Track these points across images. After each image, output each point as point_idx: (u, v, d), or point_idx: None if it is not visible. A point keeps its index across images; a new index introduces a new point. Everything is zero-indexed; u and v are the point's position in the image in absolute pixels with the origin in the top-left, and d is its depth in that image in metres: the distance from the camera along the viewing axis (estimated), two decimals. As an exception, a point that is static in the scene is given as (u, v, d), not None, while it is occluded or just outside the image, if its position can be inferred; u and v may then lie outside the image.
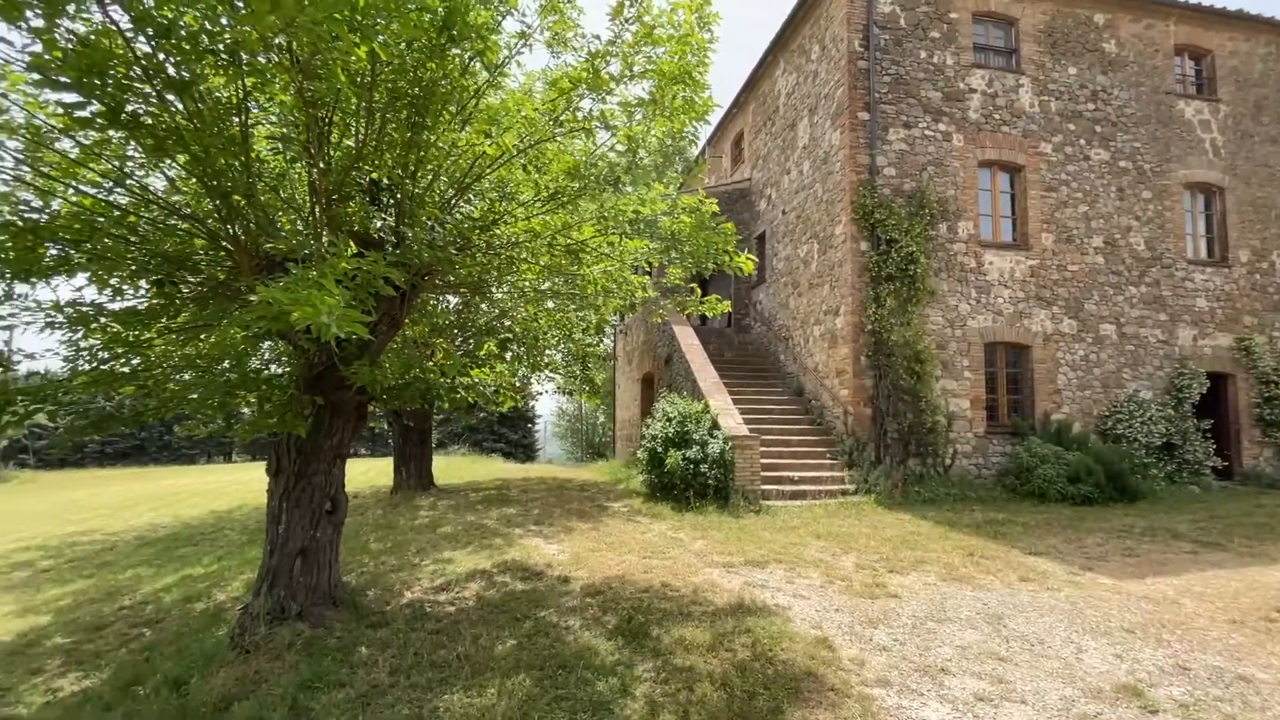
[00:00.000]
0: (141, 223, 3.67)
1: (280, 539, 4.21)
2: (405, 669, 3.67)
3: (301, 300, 2.27)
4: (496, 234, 3.92)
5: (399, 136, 3.48)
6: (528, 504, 9.94)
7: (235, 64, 3.08)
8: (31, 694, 3.85)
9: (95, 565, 7.30)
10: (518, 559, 6.18)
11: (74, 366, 4.21)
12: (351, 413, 4.31)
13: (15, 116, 3.60)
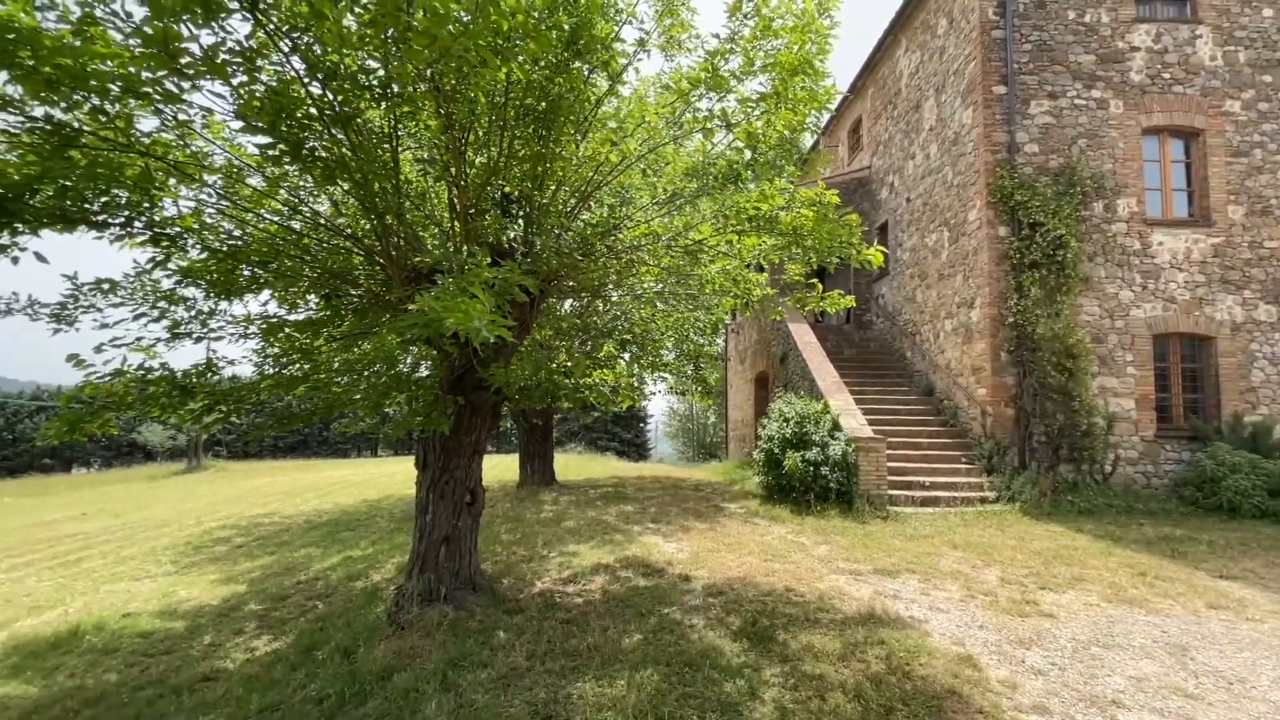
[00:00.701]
0: (313, 244, 4.16)
1: (427, 527, 4.60)
2: (540, 655, 3.87)
3: (453, 308, 2.47)
4: (618, 238, 4.03)
5: (527, 150, 3.69)
6: (644, 502, 10.12)
7: (387, 97, 3.41)
8: (235, 651, 4.50)
9: (276, 544, 8.39)
10: (638, 555, 6.31)
11: (261, 371, 4.87)
12: (488, 412, 4.62)
13: (217, 159, 4.23)
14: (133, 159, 3.27)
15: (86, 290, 4.36)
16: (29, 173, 2.72)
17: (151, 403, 4.27)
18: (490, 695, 3.39)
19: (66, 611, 5.58)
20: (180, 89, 2.67)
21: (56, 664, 4.37)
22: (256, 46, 2.76)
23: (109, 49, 2.66)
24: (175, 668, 4.23)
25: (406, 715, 3.24)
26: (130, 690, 3.85)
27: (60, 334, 4.44)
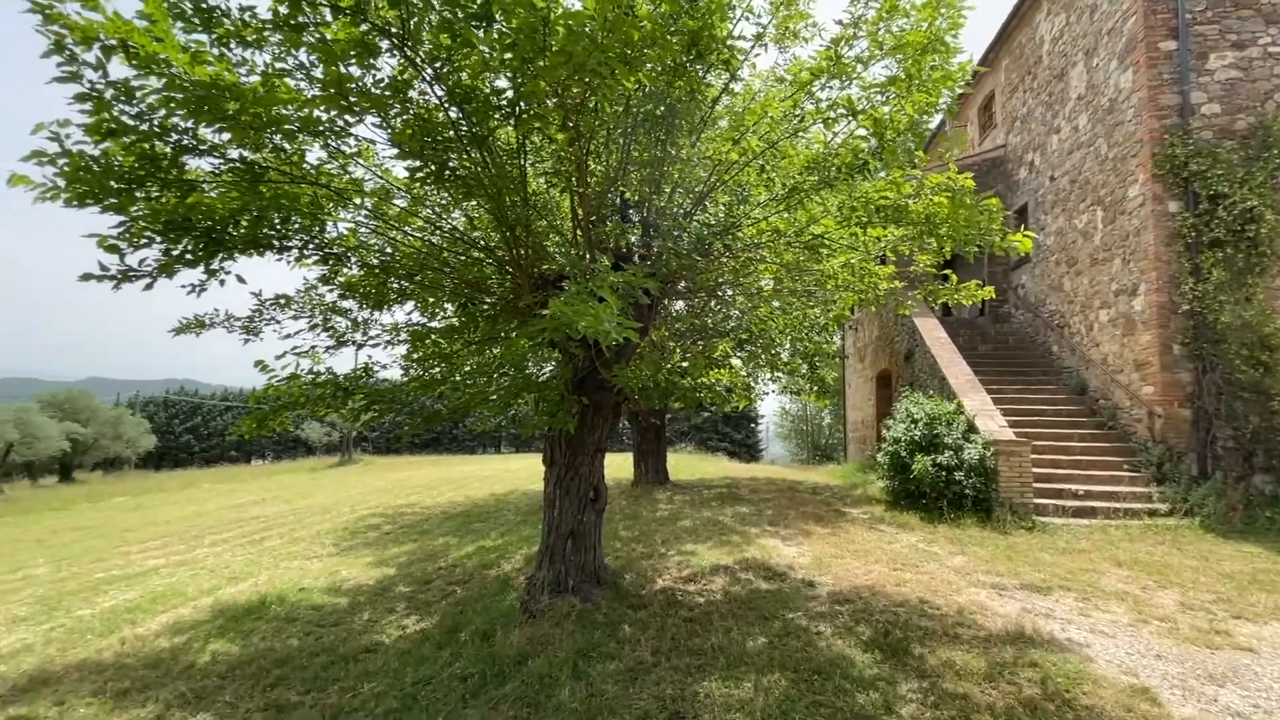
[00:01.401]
0: (451, 256, 4.51)
1: (555, 521, 4.82)
2: (665, 651, 3.93)
3: (583, 311, 2.58)
4: (737, 236, 4.00)
5: (646, 155, 3.76)
6: (759, 504, 9.95)
7: (516, 116, 3.63)
8: (390, 627, 4.98)
9: (418, 532, 9.17)
10: (758, 558, 6.21)
11: (407, 374, 5.35)
12: (609, 411, 4.76)
13: (368, 184, 4.71)
14: (304, 189, 3.73)
15: (268, 306, 5.03)
16: (232, 207, 3.18)
17: (320, 403, 4.83)
18: (619, 687, 3.49)
19: (256, 583, 6.46)
20: (347, 124, 3.01)
21: (250, 628, 5.06)
22: (406, 79, 3.05)
23: (289, 95, 3.06)
24: (342, 639, 4.75)
25: (542, 699, 3.42)
26: (308, 655, 4.38)
27: (249, 343, 5.14)
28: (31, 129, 3.13)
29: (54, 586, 6.89)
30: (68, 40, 2.72)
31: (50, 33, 2.67)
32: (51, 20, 2.44)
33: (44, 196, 3.21)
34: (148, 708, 3.64)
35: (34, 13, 2.42)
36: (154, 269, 3.21)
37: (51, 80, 2.86)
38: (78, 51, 2.75)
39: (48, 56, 2.77)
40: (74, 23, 2.47)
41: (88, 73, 2.87)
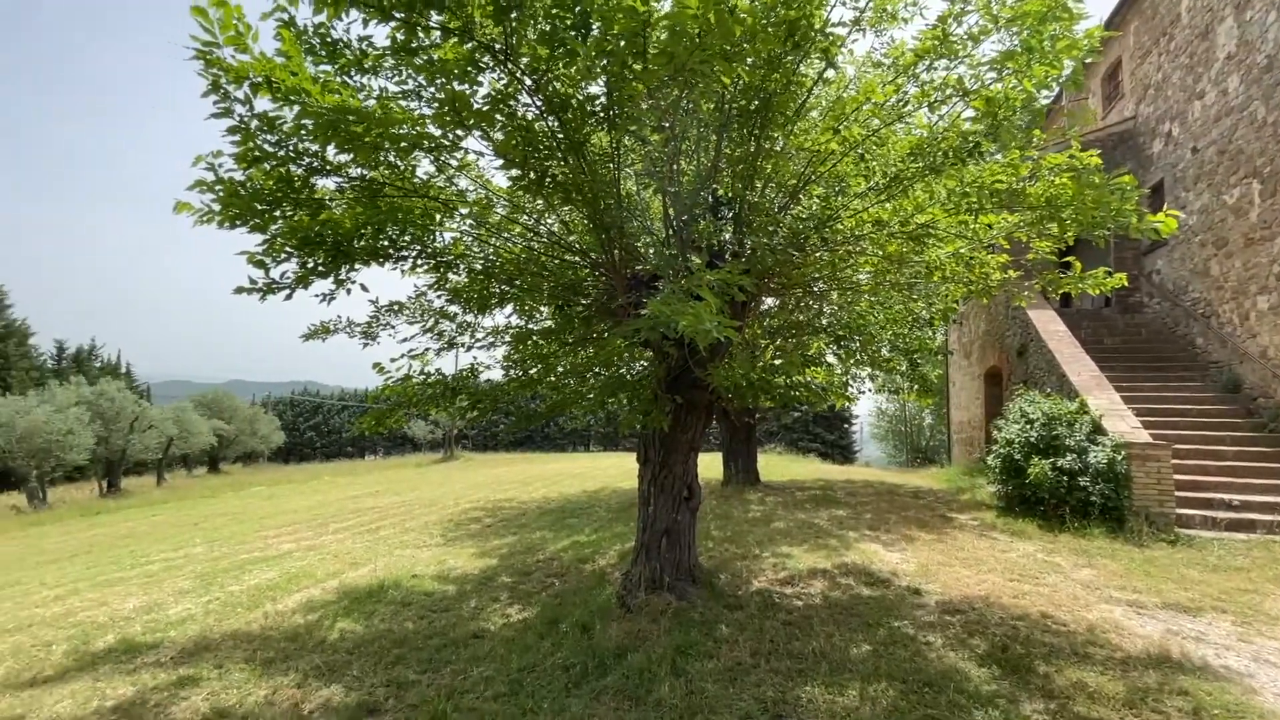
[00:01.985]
0: (548, 261, 4.67)
1: (650, 519, 4.88)
2: (764, 653, 3.87)
3: (681, 310, 2.60)
4: (835, 229, 3.88)
5: (740, 151, 3.72)
6: (856, 507, 9.58)
7: (610, 120, 3.71)
8: (494, 616, 5.23)
9: (516, 526, 9.57)
10: (858, 562, 5.98)
11: (507, 375, 5.60)
12: (703, 410, 4.76)
13: (470, 194, 4.97)
14: (416, 201, 3.99)
15: (384, 312, 5.43)
16: (356, 222, 3.47)
17: (430, 402, 5.16)
18: (719, 686, 3.48)
19: (374, 569, 6.99)
20: (457, 138, 3.19)
21: (371, 610, 5.49)
22: (509, 91, 3.19)
23: (403, 114, 3.29)
24: (452, 624, 5.04)
25: (642, 693, 3.47)
26: (423, 638, 4.69)
27: (367, 347, 5.56)
28: (191, 161, 3.56)
29: (209, 564, 7.78)
30: (222, 80, 3.07)
31: (209, 75, 3.03)
32: (211, 64, 2.76)
33: (202, 220, 3.64)
34: (289, 676, 4.03)
35: (198, 58, 2.75)
36: (293, 281, 3.56)
37: (209, 116, 3.24)
38: (230, 90, 3.10)
39: (206, 96, 3.14)
40: (229, 64, 2.79)
41: (237, 108, 3.23)
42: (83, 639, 4.95)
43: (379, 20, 2.73)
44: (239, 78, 2.78)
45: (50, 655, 4.63)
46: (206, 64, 2.75)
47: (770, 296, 5.82)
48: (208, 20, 2.58)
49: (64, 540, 11.85)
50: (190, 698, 3.76)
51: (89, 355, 39.60)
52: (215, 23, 2.60)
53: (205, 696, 3.77)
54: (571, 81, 3.38)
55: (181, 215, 3.61)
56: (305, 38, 3.41)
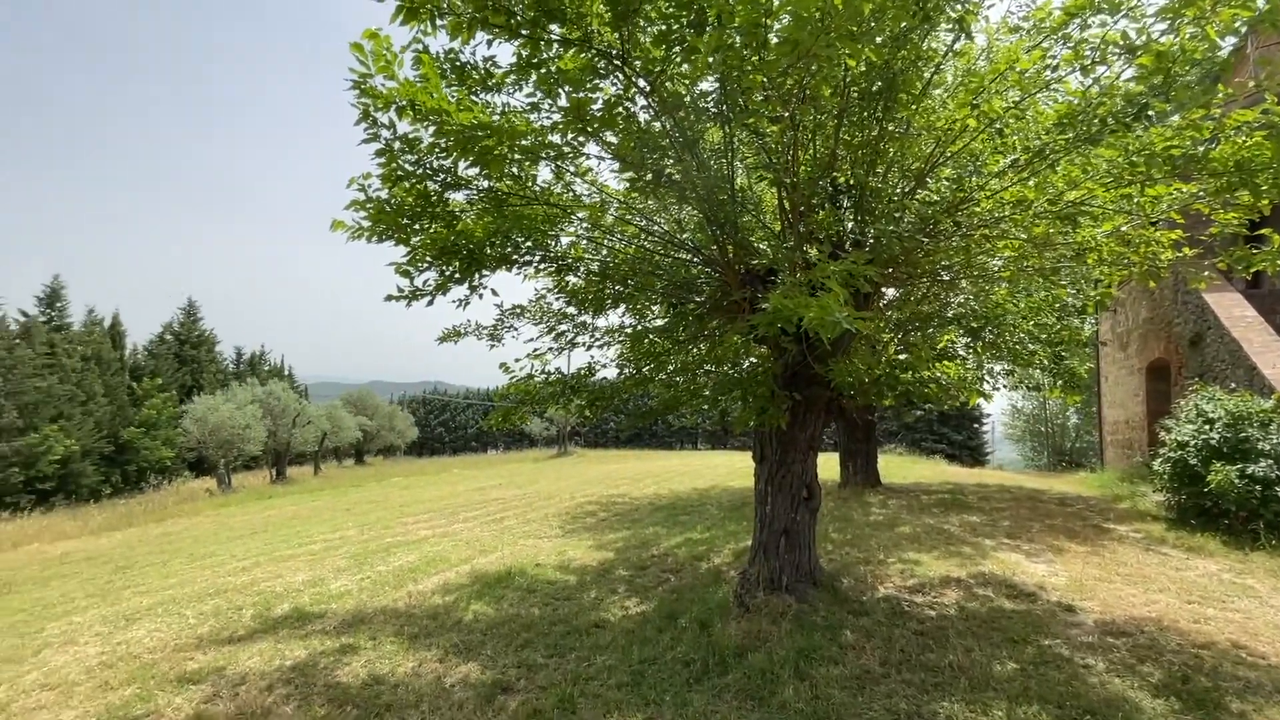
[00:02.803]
0: (661, 259, 4.72)
1: (767, 518, 4.79)
2: (894, 663, 3.68)
3: (804, 303, 2.53)
4: (974, 211, 3.59)
5: (861, 136, 3.55)
6: (991, 513, 8.83)
7: (723, 115, 3.68)
8: (613, 607, 5.38)
9: (630, 521, 9.78)
10: (996, 573, 5.51)
11: (621, 374, 5.73)
12: (822, 408, 4.60)
13: (585, 199, 5.12)
14: (536, 209, 4.19)
15: (508, 315, 5.75)
16: (488, 231, 3.71)
17: (550, 399, 5.40)
18: (846, 694, 3.35)
19: (501, 556, 7.44)
20: (578, 145, 3.32)
21: (500, 595, 5.84)
22: (625, 95, 3.27)
23: (527, 126, 3.47)
24: (574, 613, 5.25)
25: (765, 694, 3.42)
26: (548, 624, 4.92)
27: (494, 348, 5.92)
28: (346, 183, 3.98)
29: (360, 546, 8.66)
30: (371, 108, 3.41)
31: (360, 104, 3.37)
32: (365, 93, 3.07)
33: (354, 236, 4.06)
34: (432, 651, 4.39)
35: (354, 89, 3.07)
36: (434, 288, 3.87)
37: (360, 142, 3.60)
38: (378, 116, 3.43)
39: (358, 124, 3.50)
40: (379, 91, 3.08)
41: (383, 132, 3.57)
42: (265, 605, 5.69)
43: (506, 39, 2.89)
44: (387, 103, 3.06)
45: (241, 618, 5.37)
46: (361, 93, 3.05)
47: (894, 287, 5.51)
48: (363, 54, 2.87)
49: (246, 519, 13.68)
50: (351, 664, 4.21)
51: (260, 359, 45.42)
52: (369, 55, 2.88)
53: (363, 664, 4.20)
54: (686, 79, 3.40)
55: (336, 233, 4.05)
56: (438, 63, 3.70)
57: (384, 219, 3.74)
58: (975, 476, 15.88)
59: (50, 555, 10.44)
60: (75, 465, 24.74)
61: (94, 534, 13.16)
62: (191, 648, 4.68)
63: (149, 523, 14.63)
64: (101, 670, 4.33)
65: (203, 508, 17.47)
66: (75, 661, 4.56)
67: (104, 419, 27.15)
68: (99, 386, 27.70)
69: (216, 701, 3.73)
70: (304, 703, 3.65)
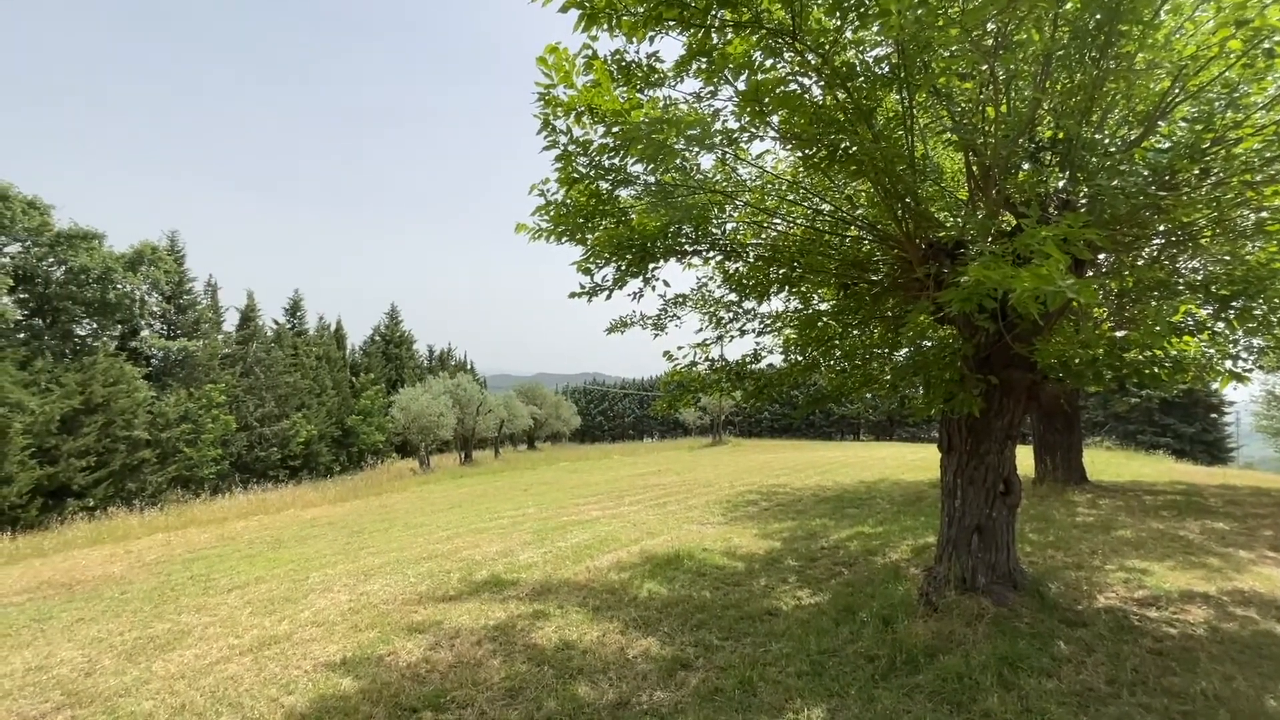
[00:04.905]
0: (833, 239, 4.53)
1: (957, 513, 4.42)
2: (1124, 683, 3.21)
3: (1011, 275, 2.28)
4: (1233, 153, 2.97)
5: (1075, 80, 3.09)
6: (1245, 519, 7.33)
7: (900, 80, 3.42)
8: (785, 596, 5.31)
9: (794, 512, 9.56)
10: (1259, 590, 4.57)
11: (788, 359, 5.59)
12: (1022, 393, 4.12)
13: (744, 180, 5.05)
14: (700, 197, 4.23)
15: (670, 305, 5.88)
16: (659, 224, 3.83)
17: (714, 386, 5.44)
18: (1065, 710, 2.99)
19: (668, 539, 7.68)
20: (756, 128, 3.30)
21: (671, 575, 6.04)
22: (793, 71, 3.18)
23: (696, 116, 3.52)
24: (745, 599, 5.27)
25: (964, 699, 3.17)
26: (720, 608, 4.99)
27: (658, 337, 6.09)
28: (528, 190, 4.33)
29: (540, 523, 9.45)
30: (550, 117, 3.67)
31: (541, 115, 3.64)
32: (549, 103, 3.32)
33: (535, 237, 4.41)
34: (614, 623, 4.67)
35: (539, 100, 3.34)
36: (611, 283, 4.09)
37: (542, 150, 3.90)
38: (556, 124, 3.69)
39: (539, 133, 3.79)
40: (559, 99, 3.32)
41: (560, 138, 3.83)
42: (468, 571, 6.44)
43: (678, 30, 2.95)
44: (568, 109, 3.28)
45: (449, 580, 6.13)
46: (545, 103, 3.30)
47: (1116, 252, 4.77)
48: (547, 66, 3.11)
49: (443, 495, 15.56)
50: (544, 628, 4.62)
51: (448, 355, 51.28)
52: (552, 68, 3.11)
53: (554, 629, 4.59)
54: (859, 45, 3.22)
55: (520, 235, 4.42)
56: (606, 67, 3.88)
57: (563, 220, 4.01)
58: (1216, 476, 13.25)
59: (304, 519, 12.72)
60: (314, 446, 29.90)
61: (331, 503, 15.78)
62: (415, 602, 5.44)
63: (370, 496, 17.22)
64: (351, 615, 5.21)
65: (409, 484, 20.18)
66: (332, 606, 5.53)
67: (333, 408, 32.43)
68: (329, 381, 33.12)
69: (438, 649, 4.31)
70: (507, 659, 4.09)
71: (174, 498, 20.79)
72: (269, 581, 6.70)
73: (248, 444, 26.82)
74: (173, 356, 24.92)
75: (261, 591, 6.27)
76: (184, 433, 22.98)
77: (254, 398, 27.50)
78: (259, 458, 27.15)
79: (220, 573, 7.42)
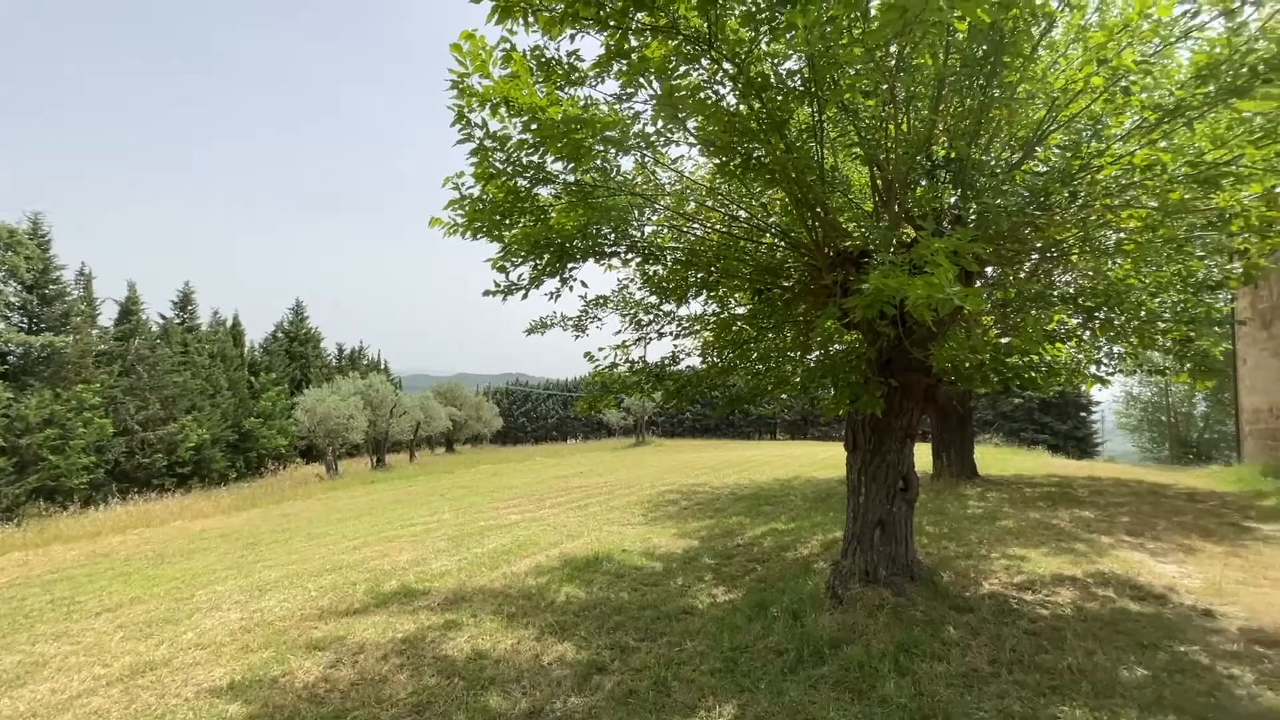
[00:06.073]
0: (748, 245, 4.65)
1: (861, 509, 4.65)
2: (1004, 662, 3.48)
3: (906, 283, 2.42)
4: (1095, 179, 3.30)
5: (966, 104, 3.33)
6: (1108, 508, 8.17)
7: (811, 93, 3.55)
8: (701, 594, 5.40)
9: (712, 510, 9.76)
10: (1117, 572, 5.10)
11: (706, 361, 5.70)
12: (920, 394, 4.39)
13: (668, 187, 5.11)
14: (620, 199, 4.23)
15: (591, 306, 5.84)
16: (577, 223, 3.79)
17: (635, 387, 5.46)
18: (952, 691, 3.21)
19: (588, 541, 7.63)
20: (671, 132, 3.32)
21: (590, 578, 6.00)
22: (712, 80, 3.23)
23: (615, 118, 3.51)
24: (662, 598, 5.31)
25: (864, 687, 3.33)
26: (637, 609, 5.01)
27: (578, 339, 6.04)
28: (442, 183, 4.17)
29: (456, 529, 9.14)
30: (465, 109, 3.55)
31: (456, 105, 3.52)
32: (462, 92, 3.21)
33: (450, 232, 4.25)
34: (529, 630, 4.58)
35: (453, 88, 3.21)
36: (528, 282, 4.00)
37: (456, 143, 3.76)
38: (472, 116, 3.57)
39: (454, 125, 3.66)
40: (474, 90, 3.21)
41: (475, 131, 3.71)
42: (375, 582, 6.13)
43: (595, 30, 2.93)
44: (483, 101, 3.18)
45: (355, 593, 5.81)
46: (459, 92, 3.19)
47: (999, 265, 5.18)
48: (461, 54, 3.00)
49: (352, 502, 14.76)
50: (456, 638, 4.46)
51: (359, 354, 48.70)
52: (467, 55, 3.00)
53: (467, 639, 4.44)
54: (773, 58, 3.31)
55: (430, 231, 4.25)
56: (525, 60, 3.80)
57: (479, 216, 3.89)
58: (1084, 469, 14.74)
59: (192, 531, 11.69)
60: (207, 452, 27.54)
61: (225, 513, 14.61)
62: (315, 618, 5.11)
63: (269, 504, 16.07)
64: (242, 634, 4.82)
65: (314, 491, 18.99)
66: (220, 625, 5.10)
67: (229, 410, 30.02)
68: (224, 381, 30.65)
69: (339, 667, 4.06)
70: (415, 672, 3.91)
71: (35, 511, 18.58)
72: (147, 602, 6.09)
73: (128, 450, 24.35)
74: (35, 353, 22.24)
75: (137, 613, 5.69)
76: (48, 438, 20.55)
77: (136, 399, 25.01)
78: (141, 465, 24.72)
79: (88, 594, 6.68)
